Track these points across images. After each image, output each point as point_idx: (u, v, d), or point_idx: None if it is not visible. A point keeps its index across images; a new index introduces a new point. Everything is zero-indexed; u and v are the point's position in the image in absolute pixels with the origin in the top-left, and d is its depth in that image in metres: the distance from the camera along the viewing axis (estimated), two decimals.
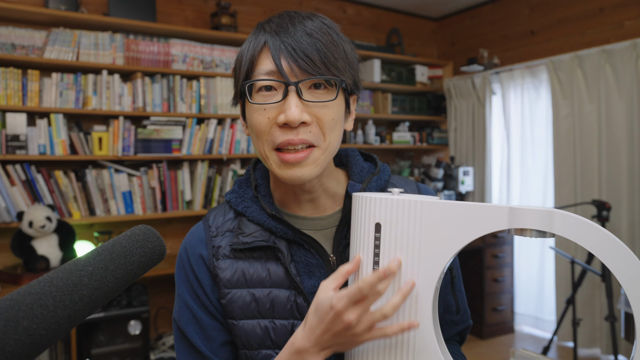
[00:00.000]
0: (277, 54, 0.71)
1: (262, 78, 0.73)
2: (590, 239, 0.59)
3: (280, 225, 0.79)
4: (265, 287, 0.78)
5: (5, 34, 2.78)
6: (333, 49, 0.74)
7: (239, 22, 3.67)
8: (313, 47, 0.72)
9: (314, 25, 0.74)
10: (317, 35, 0.73)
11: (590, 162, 3.49)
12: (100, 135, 2.96)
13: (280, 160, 0.74)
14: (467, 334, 0.94)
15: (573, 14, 3.72)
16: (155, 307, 3.33)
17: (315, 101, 0.73)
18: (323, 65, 0.72)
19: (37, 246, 2.62)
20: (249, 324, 0.78)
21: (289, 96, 0.71)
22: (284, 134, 0.72)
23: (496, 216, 0.64)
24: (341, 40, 0.77)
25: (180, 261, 0.83)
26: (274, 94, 0.73)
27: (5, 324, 0.38)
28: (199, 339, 0.79)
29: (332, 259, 0.80)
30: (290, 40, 0.71)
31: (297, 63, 0.71)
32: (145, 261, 0.52)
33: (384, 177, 0.86)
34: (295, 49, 0.71)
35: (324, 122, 0.74)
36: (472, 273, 3.89)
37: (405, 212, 0.69)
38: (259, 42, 0.74)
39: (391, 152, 4.67)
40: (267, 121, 0.73)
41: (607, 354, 3.39)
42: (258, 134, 0.75)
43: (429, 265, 0.68)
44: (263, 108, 0.73)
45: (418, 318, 0.68)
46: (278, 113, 0.72)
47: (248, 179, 0.86)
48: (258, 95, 0.74)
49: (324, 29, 0.75)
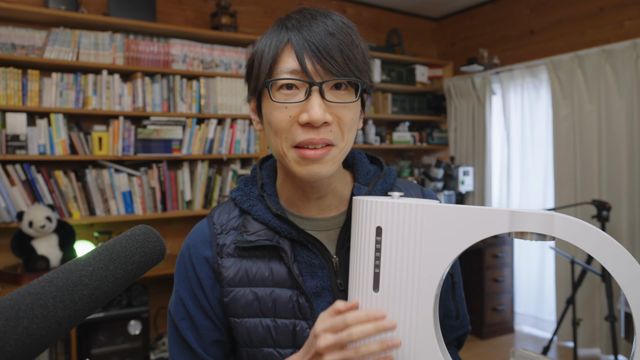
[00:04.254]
0: (301, 53, 0.71)
1: (286, 77, 0.72)
2: (589, 241, 0.59)
3: (284, 225, 0.79)
4: (267, 287, 0.78)
5: (5, 34, 2.78)
6: (354, 49, 0.74)
7: (239, 22, 3.67)
8: (336, 47, 0.72)
9: (336, 24, 0.74)
10: (340, 36, 0.73)
11: (590, 162, 3.49)
12: (100, 135, 2.96)
13: (300, 157, 0.74)
14: (465, 340, 0.94)
15: (573, 14, 3.72)
16: (155, 307, 3.33)
17: (337, 102, 0.73)
18: (346, 66, 0.72)
19: (37, 246, 2.62)
20: (251, 322, 0.78)
21: (312, 96, 0.71)
22: (305, 133, 0.73)
23: (497, 219, 0.64)
24: (359, 40, 0.77)
25: (182, 257, 0.84)
26: (296, 92, 0.73)
27: (5, 324, 0.38)
28: (191, 335, 0.81)
29: (334, 260, 0.80)
30: (314, 40, 0.71)
31: (321, 63, 0.71)
32: (145, 261, 0.52)
33: (390, 180, 0.86)
34: (319, 49, 0.71)
35: (344, 122, 0.74)
36: (472, 273, 3.89)
37: (406, 216, 0.69)
38: (282, 39, 0.73)
39: (391, 152, 4.67)
40: (289, 119, 0.73)
41: (607, 354, 3.39)
42: (277, 132, 0.75)
43: (430, 269, 0.68)
44: (285, 106, 0.73)
45: (419, 322, 0.68)
46: (300, 112, 0.72)
47: (254, 177, 0.86)
48: (279, 93, 0.74)
49: (345, 29, 0.74)
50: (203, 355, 0.80)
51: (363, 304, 0.71)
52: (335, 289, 0.79)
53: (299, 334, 0.77)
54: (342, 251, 0.81)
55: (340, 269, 0.80)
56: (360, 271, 0.72)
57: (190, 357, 0.81)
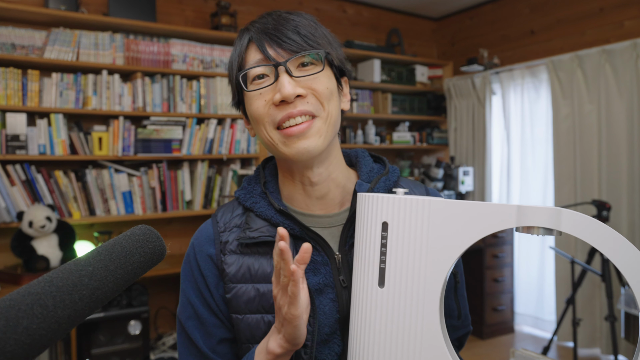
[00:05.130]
0: (262, 43, 0.76)
1: (252, 66, 0.77)
2: (597, 236, 0.60)
3: (287, 220, 0.80)
4: (270, 283, 0.78)
5: (5, 34, 2.78)
6: (312, 29, 0.79)
7: (239, 22, 3.67)
8: (293, 30, 0.76)
9: (293, 15, 0.79)
10: (296, 20, 0.78)
11: (590, 162, 3.49)
12: (100, 135, 2.96)
13: (284, 136, 0.76)
14: (465, 340, 0.94)
15: (573, 14, 3.72)
16: (155, 307, 3.33)
17: (305, 75, 0.76)
18: (305, 42, 0.76)
19: (37, 246, 2.62)
20: (253, 319, 0.78)
21: (280, 76, 0.75)
22: (282, 111, 0.75)
23: (504, 214, 0.64)
24: (319, 26, 0.81)
25: (187, 257, 0.85)
26: (267, 79, 0.77)
27: (5, 324, 0.38)
28: (198, 334, 0.81)
29: (337, 257, 0.80)
30: (270, 29, 0.77)
31: (281, 46, 0.75)
32: (145, 261, 0.52)
33: (393, 178, 0.86)
34: (278, 35, 0.76)
35: (319, 91, 0.77)
36: (472, 273, 3.89)
37: (412, 211, 0.69)
38: (244, 40, 0.80)
39: (391, 152, 4.67)
40: (264, 103, 0.77)
41: (607, 354, 3.39)
42: (258, 119, 0.78)
43: (436, 264, 0.68)
44: (259, 93, 0.77)
45: (425, 316, 0.68)
46: (274, 94, 0.76)
47: (257, 176, 0.87)
48: (252, 85, 0.78)
49: (302, 17, 0.80)
50: (210, 355, 0.80)
51: (368, 300, 0.71)
52: (337, 285, 0.79)
53: None
54: (345, 248, 0.81)
55: (343, 265, 0.80)
56: (365, 266, 0.71)
57: (197, 357, 0.81)
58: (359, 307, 0.72)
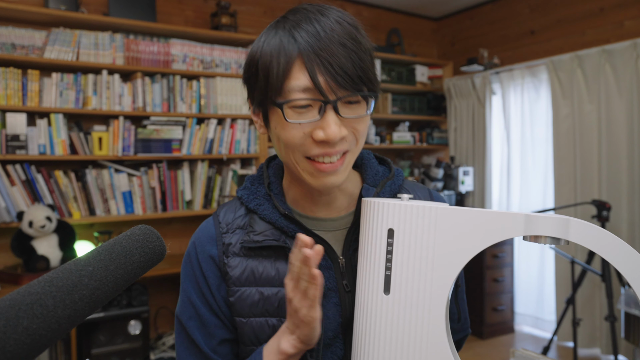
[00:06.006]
0: (313, 69, 0.68)
1: (300, 98, 0.69)
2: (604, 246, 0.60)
3: (292, 224, 0.79)
4: (274, 286, 0.78)
5: (5, 34, 2.78)
6: (366, 59, 0.71)
7: (239, 22, 3.67)
8: (349, 60, 0.69)
9: (344, 30, 0.71)
10: (351, 45, 0.70)
11: (590, 162, 3.49)
12: (100, 135, 2.96)
13: (315, 169, 0.73)
14: (463, 343, 0.94)
15: (573, 14, 3.72)
16: (155, 307, 3.33)
17: (352, 117, 0.72)
18: (359, 79, 0.70)
19: (37, 246, 2.62)
20: (257, 322, 0.78)
21: (326, 113, 0.69)
22: (320, 148, 0.71)
23: (512, 223, 0.64)
24: (365, 40, 0.74)
25: (188, 256, 0.83)
26: (310, 111, 0.70)
27: (5, 324, 0.38)
28: (199, 334, 0.80)
29: (341, 261, 0.80)
30: (325, 53, 0.68)
31: (335, 79, 0.68)
32: (145, 261, 0.52)
33: (398, 181, 0.85)
34: (332, 64, 0.68)
35: (359, 131, 0.74)
36: (472, 273, 3.89)
37: (419, 218, 0.68)
38: (291, 53, 0.69)
39: (391, 152, 4.67)
40: (302, 135, 0.71)
41: (607, 354, 3.38)
42: (288, 146, 0.73)
43: (442, 271, 0.67)
44: (298, 124, 0.71)
45: (431, 324, 0.68)
46: (314, 128, 0.71)
47: (261, 176, 0.85)
48: (291, 111, 0.71)
49: (354, 35, 0.71)
50: (211, 355, 0.80)
51: (373, 306, 0.71)
52: (341, 289, 0.79)
53: None
54: (349, 252, 0.80)
55: (347, 270, 0.80)
56: (371, 273, 0.71)
57: (198, 357, 0.80)
58: (363, 314, 0.72)
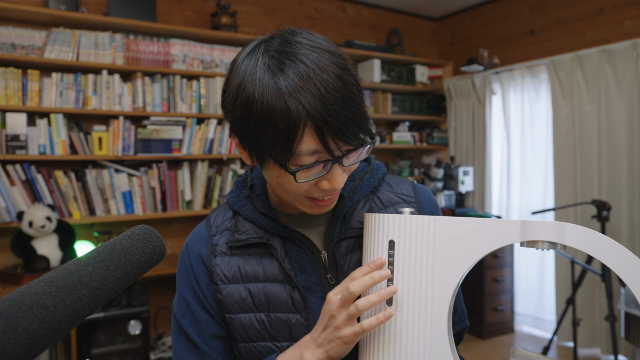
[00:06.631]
0: (323, 135, 0.68)
1: (310, 162, 0.70)
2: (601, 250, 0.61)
3: (271, 222, 0.83)
4: (260, 282, 0.81)
5: (5, 34, 2.78)
6: (363, 110, 0.72)
7: (239, 22, 3.67)
8: (351, 118, 0.69)
9: (344, 84, 0.69)
10: (350, 100, 0.69)
11: (590, 162, 3.49)
12: (100, 135, 2.96)
13: (314, 204, 0.77)
14: (464, 335, 0.96)
15: (573, 14, 3.72)
16: (155, 307, 3.33)
17: (353, 163, 0.75)
18: (361, 132, 0.71)
19: (37, 246, 2.62)
20: (246, 318, 0.81)
21: (333, 169, 0.72)
22: (323, 192, 0.75)
23: (508, 230, 0.66)
24: (356, 79, 0.73)
25: (182, 256, 0.88)
26: (317, 168, 0.72)
27: (5, 324, 0.38)
28: (193, 331, 0.84)
29: (323, 255, 0.83)
30: (332, 118, 0.67)
31: (342, 140, 0.69)
32: (145, 261, 0.52)
33: (378, 175, 0.88)
34: (340, 128, 0.68)
35: (354, 168, 0.78)
36: (472, 273, 3.89)
37: (418, 229, 0.71)
38: (298, 118, 0.67)
39: (391, 152, 4.67)
40: (308, 186, 0.74)
41: (607, 354, 3.39)
42: (292, 192, 0.75)
43: (443, 280, 0.70)
44: (305, 176, 0.72)
45: (433, 333, 0.69)
46: (320, 179, 0.73)
47: (245, 179, 0.90)
48: (299, 170, 0.71)
49: (351, 83, 0.71)
50: (205, 349, 0.83)
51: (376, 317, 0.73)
52: (325, 283, 0.82)
53: (295, 328, 0.80)
54: (331, 246, 0.83)
55: (330, 264, 0.83)
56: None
57: (193, 351, 0.84)
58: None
